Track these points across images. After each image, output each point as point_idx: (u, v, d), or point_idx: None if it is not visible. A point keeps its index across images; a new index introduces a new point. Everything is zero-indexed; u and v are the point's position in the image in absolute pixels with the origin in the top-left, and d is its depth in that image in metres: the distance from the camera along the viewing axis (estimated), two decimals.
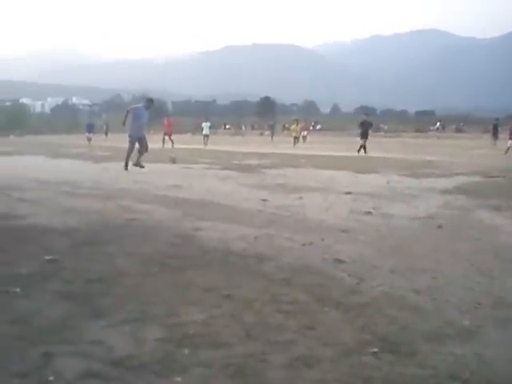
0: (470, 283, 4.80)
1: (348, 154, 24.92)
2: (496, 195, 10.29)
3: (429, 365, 3.17)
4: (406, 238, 6.75)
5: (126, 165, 14.92)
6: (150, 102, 15.91)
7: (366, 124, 26.14)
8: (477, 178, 13.65)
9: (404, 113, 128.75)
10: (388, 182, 12.72)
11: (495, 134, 32.53)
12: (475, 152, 28.53)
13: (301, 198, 10.05)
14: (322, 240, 6.41)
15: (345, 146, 34.25)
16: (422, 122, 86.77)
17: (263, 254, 5.61)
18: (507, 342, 3.55)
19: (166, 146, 30.93)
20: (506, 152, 24.30)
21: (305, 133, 50.22)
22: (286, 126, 79.35)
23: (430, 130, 75.44)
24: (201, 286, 4.50)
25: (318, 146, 33.24)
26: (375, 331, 3.64)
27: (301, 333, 3.60)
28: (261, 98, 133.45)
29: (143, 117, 15.18)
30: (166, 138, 31.96)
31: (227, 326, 3.70)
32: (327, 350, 3.33)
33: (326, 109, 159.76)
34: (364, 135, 25.11)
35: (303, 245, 6.16)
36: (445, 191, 11.08)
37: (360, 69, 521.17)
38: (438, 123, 78.62)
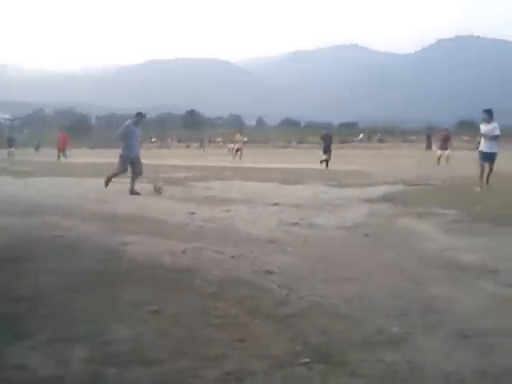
0: (398, 290, 4.87)
1: (274, 165, 25.10)
2: (419, 203, 10.57)
3: (360, 374, 3.17)
4: (334, 247, 6.80)
5: (107, 182, 13.39)
6: (139, 116, 13.88)
7: (328, 137, 25.75)
8: (400, 187, 14.01)
9: (328, 125, 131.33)
10: (314, 193, 12.86)
11: (429, 144, 33.64)
12: (398, 161, 29.42)
13: (229, 210, 9.99)
14: (251, 252, 6.37)
15: (270, 157, 34.59)
16: (346, 133, 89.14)
17: (192, 268, 5.51)
18: (436, 348, 3.60)
19: (62, 159, 31.52)
20: (439, 161, 24.69)
21: (232, 145, 50.35)
22: (212, 138, 79.61)
23: (353, 141, 77.66)
24: (128, 302, 4.36)
25: (244, 158, 33.32)
26: (307, 342, 3.61)
27: (232, 346, 3.53)
28: (186, 111, 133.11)
29: (134, 134, 13.39)
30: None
31: (156, 342, 3.59)
32: (259, 363, 3.27)
33: (251, 122, 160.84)
34: (327, 149, 24.69)
35: (232, 257, 6.09)
36: (370, 200, 11.29)
37: (284, 83, 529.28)
38: (362, 134, 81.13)
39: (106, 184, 13.40)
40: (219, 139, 77.69)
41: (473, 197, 11.63)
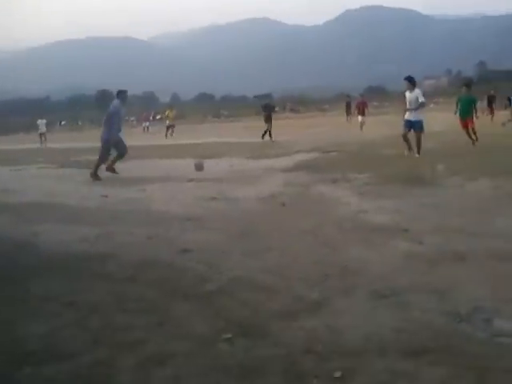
0: (316, 256, 4.93)
1: (190, 141, 24.81)
2: (333, 169, 10.77)
3: (283, 343, 3.18)
4: (252, 219, 6.82)
5: (96, 174, 12.00)
6: (123, 94, 12.89)
7: (269, 107, 24.83)
8: (315, 155, 14.22)
9: (243, 98, 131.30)
10: (231, 166, 12.83)
11: (348, 112, 34.73)
12: (312, 130, 29.84)
13: (144, 189, 9.78)
14: (168, 231, 6.27)
15: (187, 133, 34.20)
16: (260, 105, 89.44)
17: (106, 254, 5.33)
18: (354, 310, 3.67)
19: None
20: (362, 128, 25.17)
21: (147, 123, 49.59)
22: (126, 118, 77.57)
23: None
24: (39, 296, 4.16)
25: (159, 135, 32.79)
26: (228, 317, 3.59)
27: (151, 330, 3.46)
28: (98, 91, 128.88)
29: (120, 114, 12.68)
30: None
31: (71, 335, 3.45)
32: (180, 344, 3.22)
33: (165, 98, 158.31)
34: (268, 119, 23.19)
35: (148, 238, 5.96)
36: (286, 170, 11.40)
37: (198, 58, 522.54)
38: (277, 108, 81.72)
39: (95, 177, 11.97)
40: (132, 118, 75.86)
41: (385, 160, 11.93)
